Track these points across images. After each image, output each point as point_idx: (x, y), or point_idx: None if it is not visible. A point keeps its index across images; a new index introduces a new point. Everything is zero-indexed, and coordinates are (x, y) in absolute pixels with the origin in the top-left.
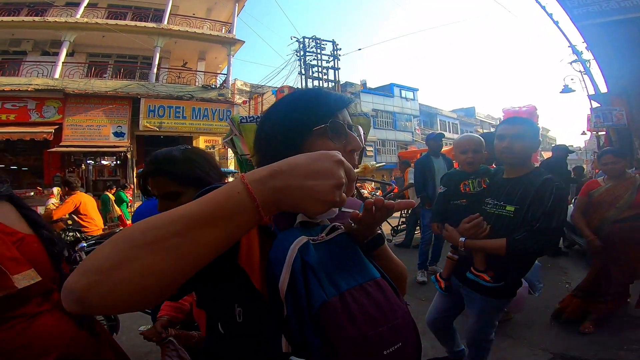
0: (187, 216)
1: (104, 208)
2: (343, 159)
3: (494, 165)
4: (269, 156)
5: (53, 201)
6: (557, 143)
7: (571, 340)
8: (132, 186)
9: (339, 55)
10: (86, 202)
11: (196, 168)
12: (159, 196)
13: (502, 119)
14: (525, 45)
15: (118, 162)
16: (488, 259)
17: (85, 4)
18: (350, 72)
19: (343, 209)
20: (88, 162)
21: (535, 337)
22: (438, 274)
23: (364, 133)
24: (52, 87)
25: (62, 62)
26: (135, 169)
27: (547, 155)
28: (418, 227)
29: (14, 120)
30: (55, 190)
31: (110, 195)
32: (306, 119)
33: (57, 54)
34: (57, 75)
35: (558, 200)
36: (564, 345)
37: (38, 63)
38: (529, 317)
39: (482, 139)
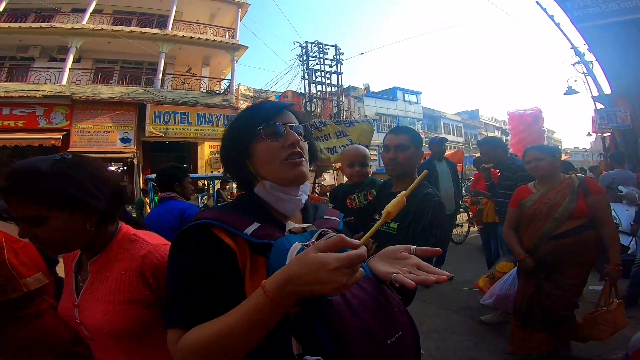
0: (239, 331)
1: (138, 212)
2: (337, 263)
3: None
4: (226, 160)
5: None
6: (563, 145)
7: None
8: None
9: (342, 59)
10: None
11: (69, 186)
12: (18, 219)
13: (507, 122)
14: (528, 47)
15: (125, 168)
16: None
17: (91, 10)
18: (353, 76)
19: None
20: None
21: None
22: None
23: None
24: (60, 94)
25: (69, 68)
26: (141, 174)
27: None
28: None
29: (23, 127)
30: None
31: (145, 200)
32: (246, 126)
33: (64, 60)
34: (64, 82)
35: (435, 217)
36: None
37: (45, 69)
38: None
39: (368, 151)
